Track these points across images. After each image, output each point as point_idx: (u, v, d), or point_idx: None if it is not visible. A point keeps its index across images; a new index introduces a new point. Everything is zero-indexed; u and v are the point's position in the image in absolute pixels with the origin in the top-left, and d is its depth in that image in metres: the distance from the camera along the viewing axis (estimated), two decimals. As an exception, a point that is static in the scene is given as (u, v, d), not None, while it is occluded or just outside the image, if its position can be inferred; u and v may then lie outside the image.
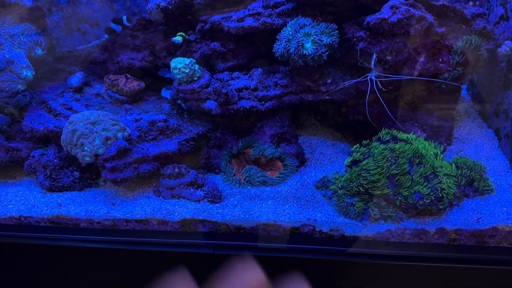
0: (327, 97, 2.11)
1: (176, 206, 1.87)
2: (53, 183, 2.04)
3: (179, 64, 2.05)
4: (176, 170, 1.94)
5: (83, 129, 1.90)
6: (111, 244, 1.80)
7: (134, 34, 2.36)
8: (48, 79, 2.33)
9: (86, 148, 1.89)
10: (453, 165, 1.84)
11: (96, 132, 1.90)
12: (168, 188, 1.94)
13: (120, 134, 1.93)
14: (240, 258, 1.15)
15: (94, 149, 1.89)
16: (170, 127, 2.06)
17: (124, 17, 2.33)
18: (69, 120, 1.95)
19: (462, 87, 2.18)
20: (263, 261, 1.70)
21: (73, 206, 1.94)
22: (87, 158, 1.90)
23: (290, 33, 1.96)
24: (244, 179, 2.03)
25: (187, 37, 2.20)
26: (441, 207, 1.69)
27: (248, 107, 2.07)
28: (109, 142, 1.90)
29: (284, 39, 1.97)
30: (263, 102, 2.09)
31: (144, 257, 1.81)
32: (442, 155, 1.84)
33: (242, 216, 1.80)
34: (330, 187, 1.91)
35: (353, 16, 2.02)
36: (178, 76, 2.07)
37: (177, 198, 1.93)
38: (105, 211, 1.88)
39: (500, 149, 2.14)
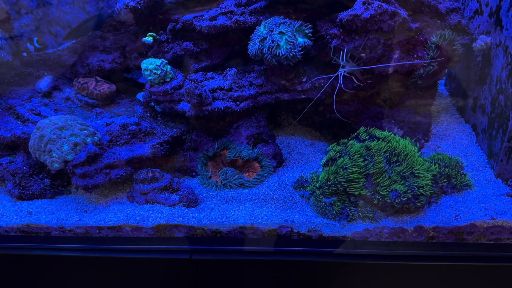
0: (303, 96, 2.08)
1: (150, 212, 1.82)
2: (23, 191, 1.98)
3: (150, 65, 2.00)
4: (150, 174, 1.89)
5: (50, 134, 1.84)
6: (84, 252, 1.76)
7: (104, 35, 2.31)
8: (16, 84, 2.27)
9: (54, 154, 1.84)
10: (430, 162, 1.82)
11: (64, 138, 1.84)
12: (142, 193, 1.89)
13: (89, 139, 1.88)
14: None
15: (63, 155, 1.83)
16: (143, 130, 2.02)
17: (35, 39, 2.28)
18: (37, 125, 1.90)
19: (439, 82, 2.17)
20: (241, 265, 1.70)
21: (44, 214, 1.89)
22: (56, 165, 1.85)
23: (264, 32, 1.93)
24: (221, 182, 1.99)
25: (158, 37, 2.16)
26: (418, 204, 1.68)
27: (222, 108, 2.03)
28: (78, 147, 1.85)
29: (258, 39, 1.94)
30: (238, 102, 2.06)
31: (118, 264, 1.77)
32: (419, 152, 1.82)
33: (218, 219, 1.76)
34: (308, 187, 1.89)
35: (326, 13, 1.99)
36: (149, 78, 2.03)
37: (152, 203, 1.89)
38: (77, 219, 1.84)
39: (477, 144, 2.14)
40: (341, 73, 1.92)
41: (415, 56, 1.94)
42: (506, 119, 1.83)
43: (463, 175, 1.84)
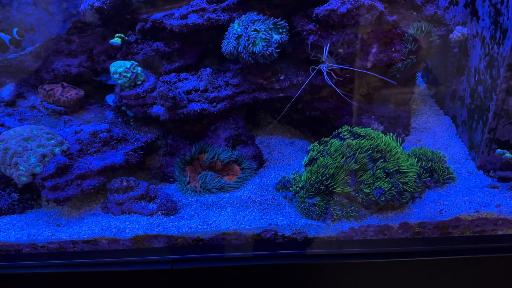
0: (281, 95, 2.03)
1: (127, 223, 1.75)
2: (-11, 208, 1.87)
3: (120, 68, 1.92)
4: (124, 183, 1.82)
5: (15, 147, 1.74)
6: (58, 268, 1.69)
7: (69, 38, 2.21)
8: (-25, 93, 2.14)
9: (21, 168, 1.74)
10: (413, 157, 1.81)
11: (31, 149, 1.75)
12: (117, 204, 1.81)
13: (58, 149, 1.79)
14: None
15: (30, 168, 1.74)
16: (115, 137, 1.93)
17: (15, 30, 2.17)
18: (0, 137, 1.80)
19: (417, 75, 2.16)
20: (226, 272, 1.65)
21: (13, 231, 1.79)
22: (24, 178, 1.76)
23: (238, 30, 1.87)
24: (200, 187, 1.93)
25: (126, 38, 2.07)
26: (403, 201, 1.68)
27: (199, 110, 1.97)
28: (46, 159, 1.76)
29: (232, 37, 1.88)
30: (214, 103, 2.00)
31: (96, 279, 1.70)
32: (401, 148, 1.80)
33: (200, 227, 1.71)
34: (290, 188, 1.85)
35: (301, 8, 1.95)
36: (119, 81, 1.94)
37: (128, 214, 1.82)
38: (50, 234, 1.75)
39: (458, 136, 2.14)
40: (323, 69, 1.87)
41: (393, 49, 1.91)
42: (486, 111, 1.83)
43: (446, 169, 1.83)
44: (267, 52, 1.83)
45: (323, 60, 1.88)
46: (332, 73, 1.92)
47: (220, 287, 1.71)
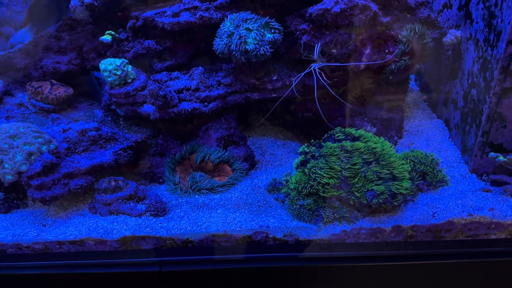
0: (274, 95, 2.01)
1: (115, 223, 1.73)
2: (-27, 207, 1.83)
3: (110, 66, 1.89)
4: (113, 183, 1.79)
5: (1, 144, 1.72)
6: (43, 269, 1.66)
7: (58, 35, 2.17)
8: (-39, 90, 2.11)
9: (6, 166, 1.71)
10: (406, 160, 1.79)
11: (17, 147, 1.72)
12: (105, 204, 1.78)
13: (45, 147, 1.76)
14: None
15: (16, 166, 1.71)
16: (104, 136, 1.91)
17: None
18: None
19: (410, 78, 2.15)
20: (216, 275, 1.63)
21: (-2, 231, 1.76)
22: (9, 177, 1.73)
23: (230, 28, 1.85)
24: (190, 187, 1.90)
25: (117, 35, 2.05)
26: (395, 203, 1.66)
27: (190, 110, 1.94)
28: (32, 157, 1.73)
29: (225, 35, 1.86)
30: (206, 103, 1.98)
31: (82, 281, 1.68)
32: (394, 150, 1.79)
33: (189, 228, 1.69)
34: (282, 189, 1.84)
35: (295, 8, 1.94)
36: (109, 79, 1.92)
37: (116, 214, 1.79)
38: (35, 234, 1.73)
39: (451, 139, 2.13)
40: (315, 68, 1.86)
41: (386, 51, 1.90)
42: (479, 114, 1.82)
43: (438, 172, 1.82)
44: (260, 51, 1.81)
45: (315, 59, 1.86)
46: (323, 75, 1.91)
47: (209, 290, 1.69)
